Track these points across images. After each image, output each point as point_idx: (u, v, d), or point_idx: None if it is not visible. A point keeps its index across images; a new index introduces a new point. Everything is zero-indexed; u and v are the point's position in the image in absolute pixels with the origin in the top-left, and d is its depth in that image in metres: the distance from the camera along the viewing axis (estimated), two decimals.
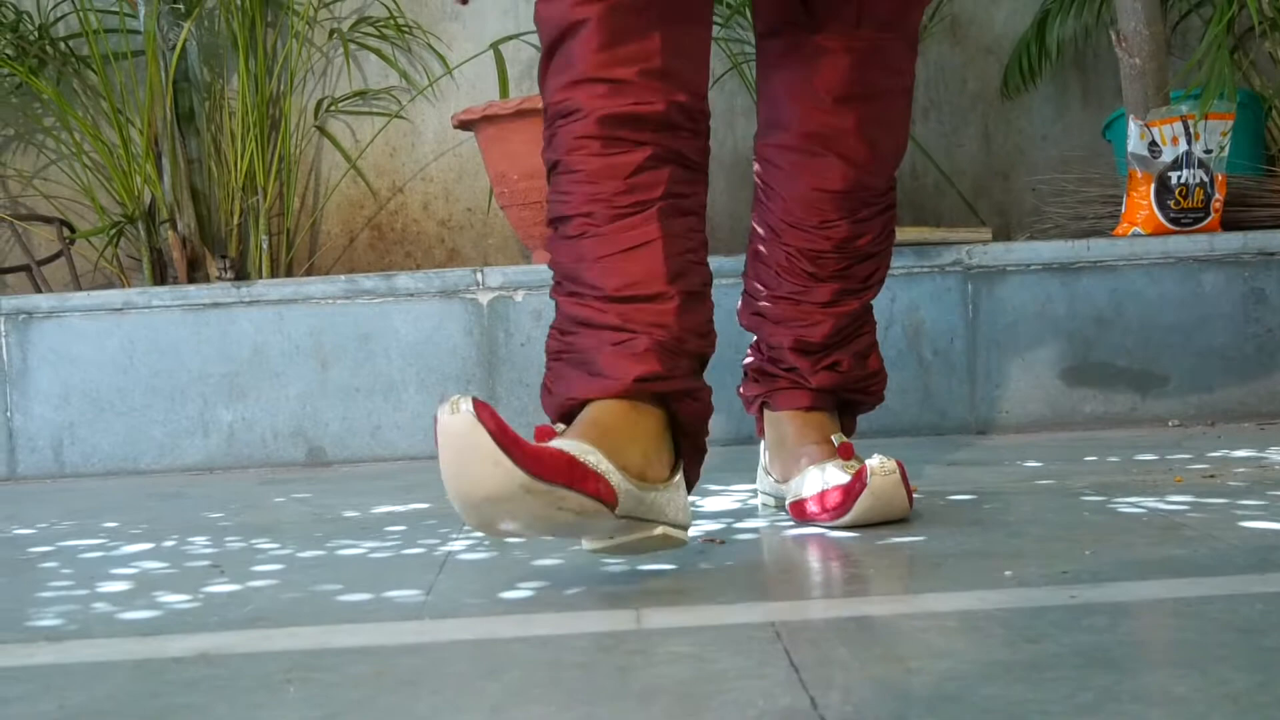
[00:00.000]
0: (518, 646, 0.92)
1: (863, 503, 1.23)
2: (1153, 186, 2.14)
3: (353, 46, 2.80)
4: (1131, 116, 2.21)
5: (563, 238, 1.13)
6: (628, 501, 1.01)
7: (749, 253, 1.40)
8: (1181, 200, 2.13)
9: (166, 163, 2.67)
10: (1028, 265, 2.06)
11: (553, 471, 0.93)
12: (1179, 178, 2.13)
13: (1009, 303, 2.06)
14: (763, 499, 1.43)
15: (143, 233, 2.69)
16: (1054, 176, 2.54)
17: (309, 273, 2.83)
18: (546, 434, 1.02)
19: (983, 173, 2.85)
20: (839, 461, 1.30)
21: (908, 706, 0.74)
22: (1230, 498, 1.35)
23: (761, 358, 1.39)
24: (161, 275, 2.69)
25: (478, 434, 0.89)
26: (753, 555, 1.20)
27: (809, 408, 1.36)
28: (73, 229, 2.77)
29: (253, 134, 2.70)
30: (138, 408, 2.12)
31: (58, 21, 2.77)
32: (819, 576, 1.11)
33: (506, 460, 0.90)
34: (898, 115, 1.34)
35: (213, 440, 2.12)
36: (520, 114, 2.33)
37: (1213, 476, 1.50)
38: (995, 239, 2.18)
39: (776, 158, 1.33)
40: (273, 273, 2.72)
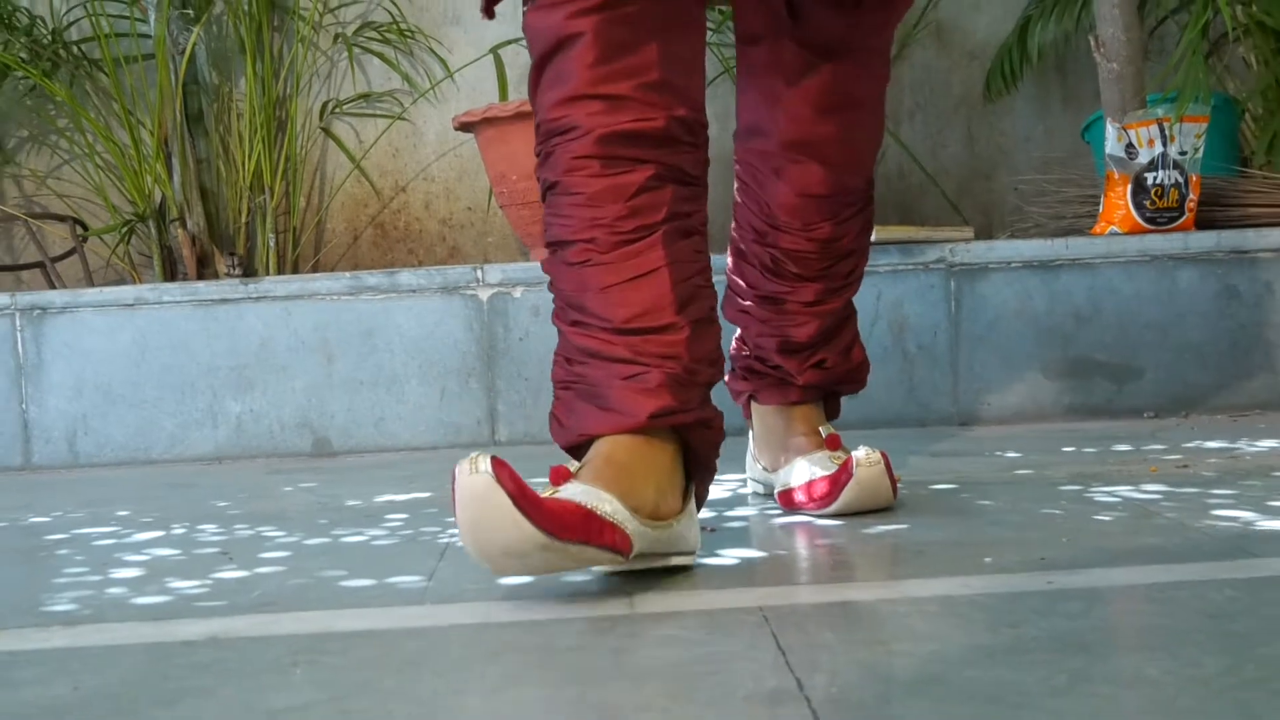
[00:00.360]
0: (515, 630, 0.92)
1: (849, 492, 1.24)
2: (1129, 187, 2.15)
3: (357, 50, 2.80)
4: (1109, 119, 2.21)
5: (564, 263, 1.08)
6: (641, 543, 1.00)
7: (731, 250, 1.39)
8: (1157, 200, 2.13)
9: (176, 163, 2.66)
10: (1009, 263, 2.06)
11: (570, 530, 0.91)
12: (1155, 178, 2.14)
13: (991, 299, 2.06)
14: (752, 486, 1.44)
15: (153, 230, 2.68)
16: (1035, 177, 2.55)
17: (314, 269, 2.83)
18: (562, 475, 0.99)
19: (966, 173, 2.85)
20: (826, 453, 1.31)
21: (891, 688, 0.74)
22: (1203, 487, 1.36)
23: (748, 355, 1.38)
24: (172, 272, 2.69)
25: (497, 495, 0.88)
26: (742, 542, 1.20)
27: (796, 402, 1.36)
28: (86, 227, 2.77)
29: (260, 135, 2.69)
30: (149, 400, 2.12)
31: (70, 26, 2.77)
32: (806, 563, 1.12)
33: (525, 522, 0.88)
34: (876, 119, 1.33)
35: (222, 431, 2.12)
36: (519, 116, 2.33)
37: (1186, 467, 1.51)
38: (978, 238, 2.18)
39: (758, 162, 1.32)
40: (279, 269, 2.72)
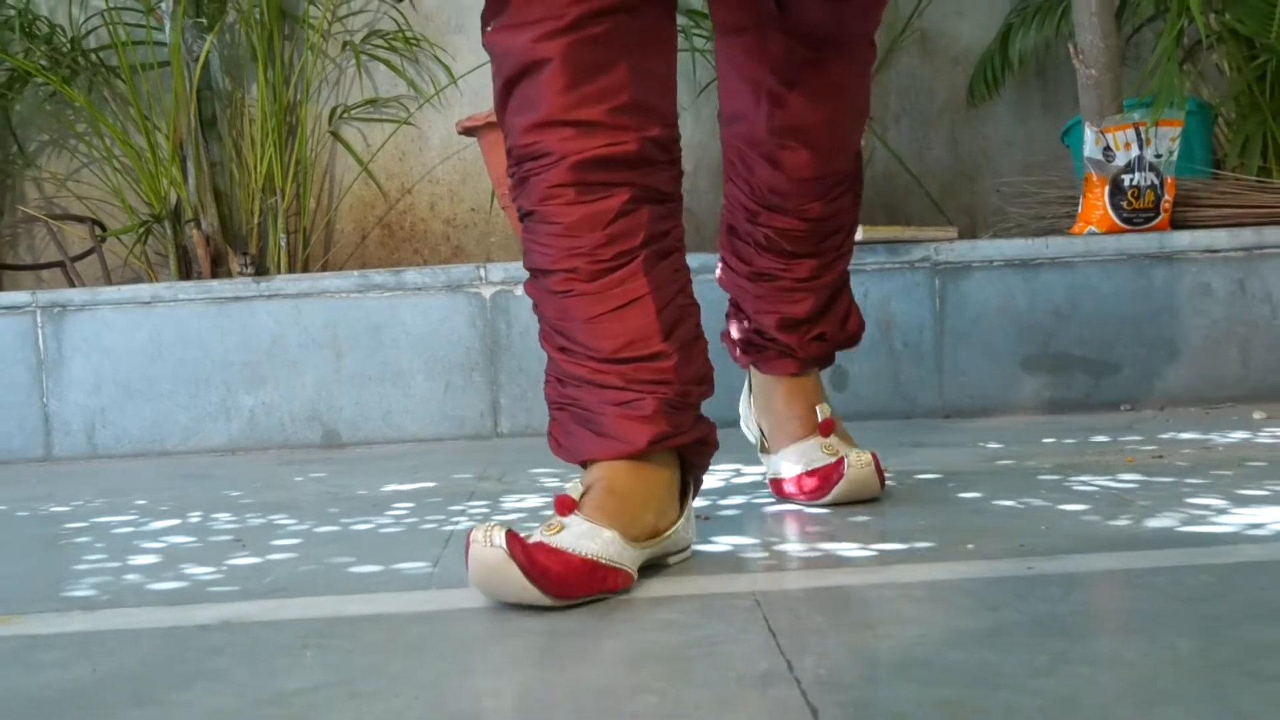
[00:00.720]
0: (517, 615, 0.92)
1: (839, 489, 1.27)
2: (1107, 188, 2.15)
3: (364, 58, 2.79)
4: (1088, 123, 2.21)
5: (546, 290, 1.05)
6: (641, 561, 1.01)
7: (724, 225, 1.34)
8: (1134, 201, 2.13)
9: (191, 166, 2.66)
10: (991, 262, 2.06)
11: (576, 589, 0.93)
12: (1131, 180, 2.14)
13: (974, 297, 2.06)
14: (746, 433, 1.42)
15: (169, 231, 2.68)
16: (1016, 179, 2.54)
17: (324, 268, 2.83)
18: (567, 505, 0.99)
19: (950, 176, 2.85)
20: (819, 440, 1.30)
21: (877, 670, 0.75)
22: (1177, 476, 1.36)
23: (747, 327, 1.34)
24: (187, 271, 2.69)
25: (509, 568, 0.90)
26: (735, 530, 1.20)
27: (796, 373, 1.34)
28: (104, 228, 2.76)
29: (271, 139, 2.69)
30: (165, 394, 2.12)
31: (89, 34, 2.76)
32: (796, 550, 1.12)
33: (535, 590, 0.91)
34: (863, 101, 1.27)
35: (235, 424, 2.12)
36: None
37: (1161, 457, 1.51)
38: (961, 237, 2.18)
39: (746, 148, 1.26)
40: (290, 268, 2.72)
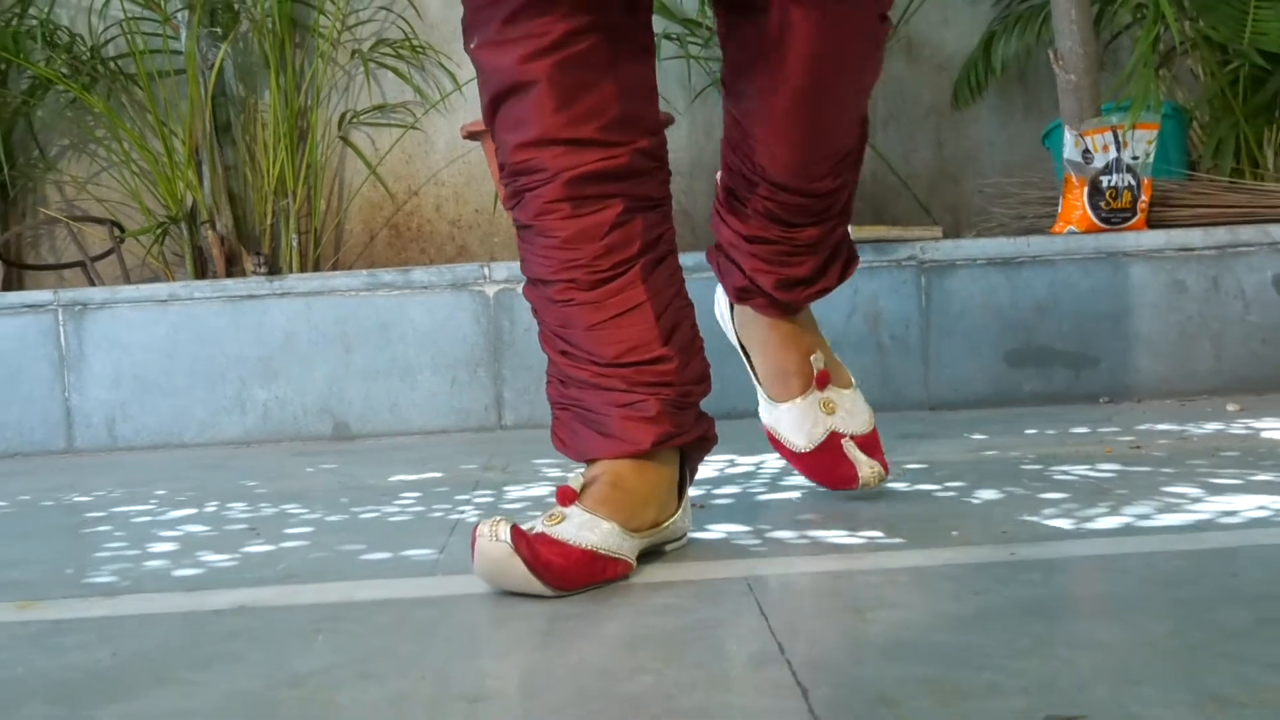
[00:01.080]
0: (520, 600, 0.92)
1: (846, 490, 1.25)
2: (1086, 189, 2.15)
3: (372, 65, 2.79)
4: (1067, 127, 2.21)
5: (546, 298, 1.05)
6: (640, 550, 1.01)
7: (722, 183, 1.20)
8: (1111, 202, 2.13)
9: (206, 170, 2.66)
10: (975, 260, 2.06)
11: (577, 580, 0.94)
12: (1109, 181, 2.14)
13: (958, 294, 2.06)
14: (725, 328, 1.32)
15: (185, 232, 2.68)
16: (999, 180, 2.54)
17: (334, 268, 2.83)
18: (569, 495, 0.99)
19: (935, 177, 2.85)
20: (817, 397, 1.22)
21: (865, 652, 0.75)
22: (1154, 466, 1.36)
23: (739, 276, 1.21)
24: (202, 270, 2.69)
25: (514, 561, 0.91)
26: (729, 518, 1.20)
27: (790, 319, 1.24)
28: (122, 229, 2.76)
29: (283, 144, 2.69)
30: (182, 388, 2.12)
31: (108, 43, 2.76)
32: (787, 537, 1.12)
33: (538, 582, 0.91)
34: (870, 76, 1.13)
35: (249, 417, 2.12)
36: None
37: (1138, 448, 1.51)
38: (946, 236, 2.18)
39: (751, 125, 1.12)
40: (302, 268, 2.72)
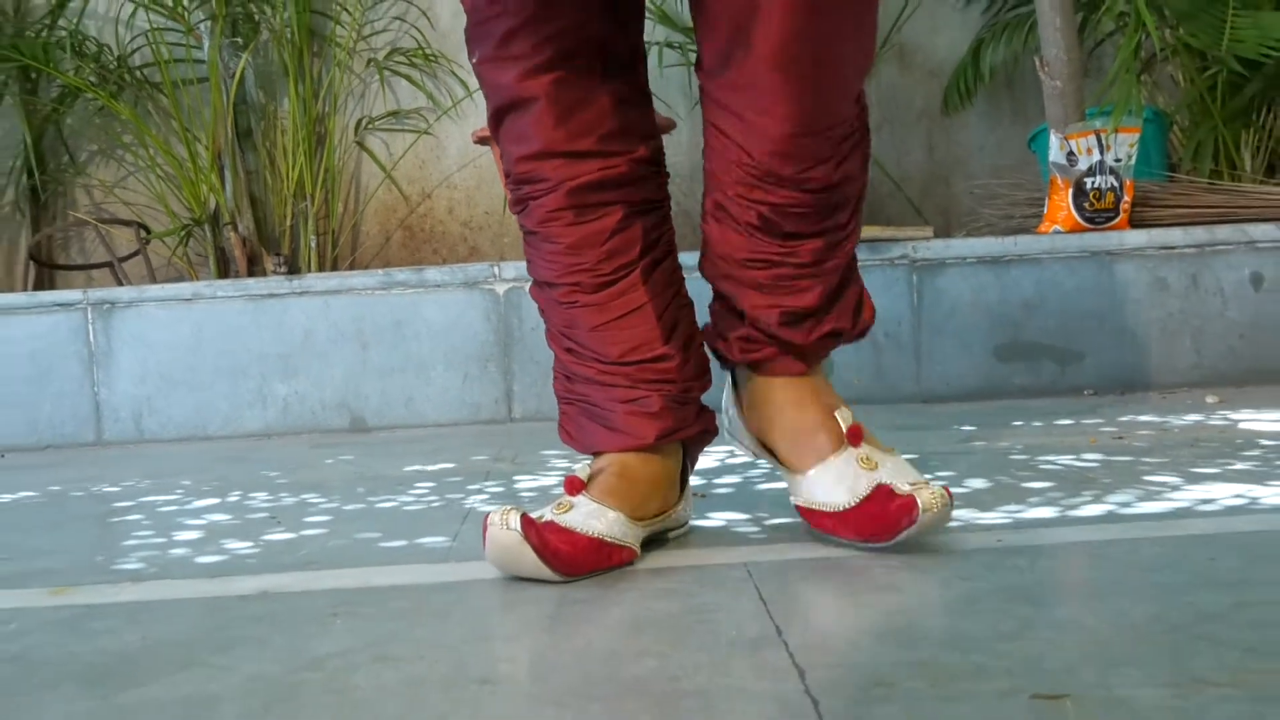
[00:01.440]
0: (530, 585, 0.92)
1: (909, 532, 0.93)
2: (1071, 191, 2.15)
3: (387, 73, 2.79)
4: (1053, 130, 2.21)
5: (552, 300, 1.05)
6: (643, 539, 1.01)
7: (707, 205, 1.01)
8: (1095, 202, 2.13)
9: (228, 174, 2.66)
10: (965, 259, 2.06)
11: (584, 567, 0.94)
12: (1093, 183, 2.14)
13: (949, 291, 2.06)
14: (737, 446, 1.11)
15: (208, 234, 2.68)
16: (987, 182, 2.54)
17: (351, 267, 2.83)
18: (576, 485, 0.99)
19: (927, 179, 2.85)
20: (852, 453, 0.99)
21: (859, 634, 0.75)
22: (1136, 456, 1.36)
23: (739, 324, 1.04)
24: (225, 270, 2.69)
25: (524, 549, 0.91)
26: (729, 507, 1.20)
27: (803, 373, 1.04)
28: (148, 231, 2.77)
29: (302, 149, 2.69)
30: (206, 383, 2.13)
31: (134, 53, 2.76)
32: (785, 524, 1.12)
33: (547, 568, 0.92)
34: (868, 26, 0.93)
35: (270, 411, 2.13)
36: None
37: (1121, 438, 1.51)
38: (937, 236, 2.18)
39: (731, 100, 0.94)
40: (320, 268, 2.72)
